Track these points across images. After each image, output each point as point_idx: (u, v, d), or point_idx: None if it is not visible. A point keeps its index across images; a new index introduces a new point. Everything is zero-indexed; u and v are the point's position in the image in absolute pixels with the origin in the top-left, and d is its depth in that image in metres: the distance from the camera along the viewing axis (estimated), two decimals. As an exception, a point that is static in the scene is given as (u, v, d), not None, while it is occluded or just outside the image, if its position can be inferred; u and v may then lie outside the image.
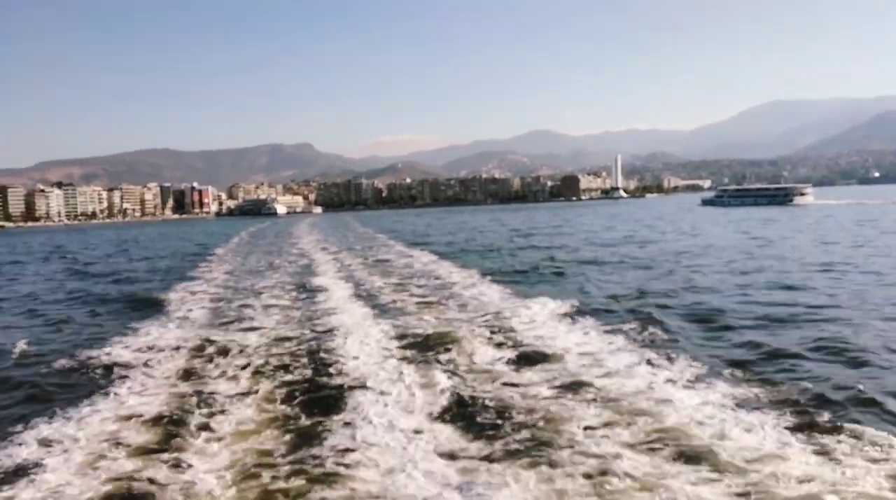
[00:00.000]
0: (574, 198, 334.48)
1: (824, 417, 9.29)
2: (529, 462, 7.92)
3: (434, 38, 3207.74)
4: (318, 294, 23.34)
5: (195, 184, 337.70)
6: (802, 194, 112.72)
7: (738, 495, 7.12)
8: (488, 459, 8.17)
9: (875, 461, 7.80)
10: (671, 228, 64.02)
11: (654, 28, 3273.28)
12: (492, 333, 15.12)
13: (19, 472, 8.34)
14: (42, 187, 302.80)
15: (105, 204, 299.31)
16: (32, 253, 67.13)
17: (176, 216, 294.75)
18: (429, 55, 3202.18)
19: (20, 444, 9.30)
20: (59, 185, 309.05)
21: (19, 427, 10.04)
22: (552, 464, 7.82)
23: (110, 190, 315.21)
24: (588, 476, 7.52)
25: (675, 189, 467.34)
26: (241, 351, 14.25)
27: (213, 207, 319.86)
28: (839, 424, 9.01)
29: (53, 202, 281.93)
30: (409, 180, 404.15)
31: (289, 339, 15.53)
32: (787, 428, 8.91)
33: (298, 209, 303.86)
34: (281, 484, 7.65)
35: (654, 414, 9.35)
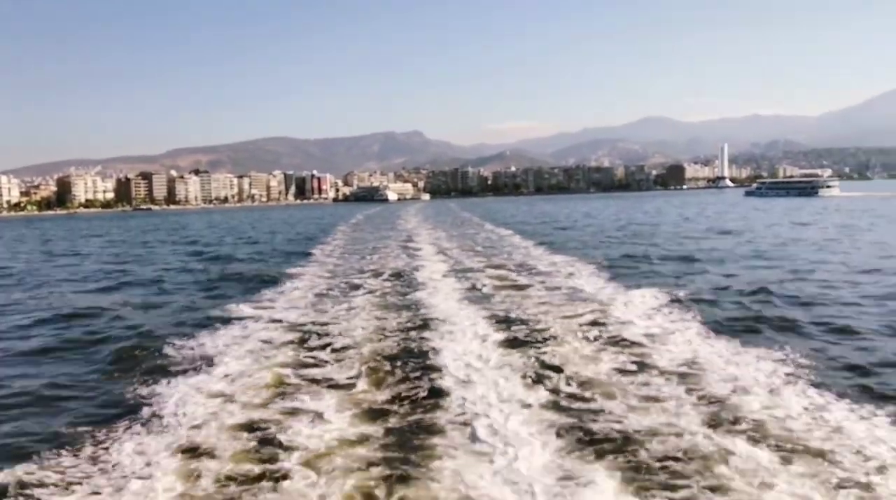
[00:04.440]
0: (678, 187, 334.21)
1: None
2: (628, 466, 7.63)
3: (543, 25, 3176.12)
4: (417, 276, 24.63)
5: (314, 172, 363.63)
6: (828, 187, 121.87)
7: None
8: (589, 461, 7.81)
9: None
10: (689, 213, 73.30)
11: (778, 4, 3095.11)
12: (590, 324, 14.96)
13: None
14: (181, 174, 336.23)
15: (235, 190, 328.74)
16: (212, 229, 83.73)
17: (298, 202, 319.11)
18: (539, 43, 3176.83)
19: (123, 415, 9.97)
20: (196, 172, 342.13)
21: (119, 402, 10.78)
22: (657, 470, 7.49)
23: (240, 177, 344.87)
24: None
25: (790, 179, 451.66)
26: (341, 334, 14.40)
27: (331, 194, 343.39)
28: None
29: (191, 188, 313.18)
30: (513, 169, 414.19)
31: (388, 321, 16.02)
32: None
33: (408, 196, 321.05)
34: (379, 473, 7.62)
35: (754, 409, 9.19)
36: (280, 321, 16.65)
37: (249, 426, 9.33)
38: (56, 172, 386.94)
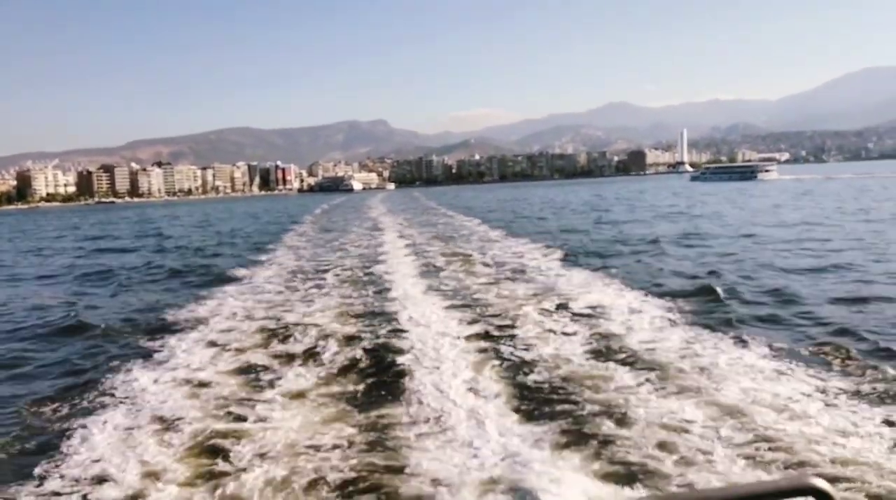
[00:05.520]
0: (639, 173, 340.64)
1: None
2: (591, 443, 7.74)
3: (507, 13, 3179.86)
4: (380, 261, 25.71)
5: (279, 162, 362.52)
6: (766, 171, 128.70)
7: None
8: (553, 442, 7.94)
9: None
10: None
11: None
12: (527, 284, 16.69)
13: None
14: (144, 167, 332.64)
15: (199, 182, 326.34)
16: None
17: (262, 193, 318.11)
18: (503, 31, 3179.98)
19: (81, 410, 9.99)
20: (159, 164, 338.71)
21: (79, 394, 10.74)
22: (616, 443, 7.68)
23: (204, 169, 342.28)
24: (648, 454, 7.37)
25: (748, 163, 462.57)
26: (305, 322, 14.62)
27: (296, 184, 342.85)
28: None
29: (154, 180, 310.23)
30: (478, 157, 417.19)
31: (352, 305, 16.62)
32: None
33: (373, 185, 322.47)
34: (340, 459, 7.67)
35: (710, 388, 9.30)
36: (259, 294, 19.25)
37: (240, 369, 11.61)
38: (11, 166, 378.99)
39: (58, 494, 7.25)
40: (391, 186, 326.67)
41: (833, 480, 6.44)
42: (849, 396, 8.98)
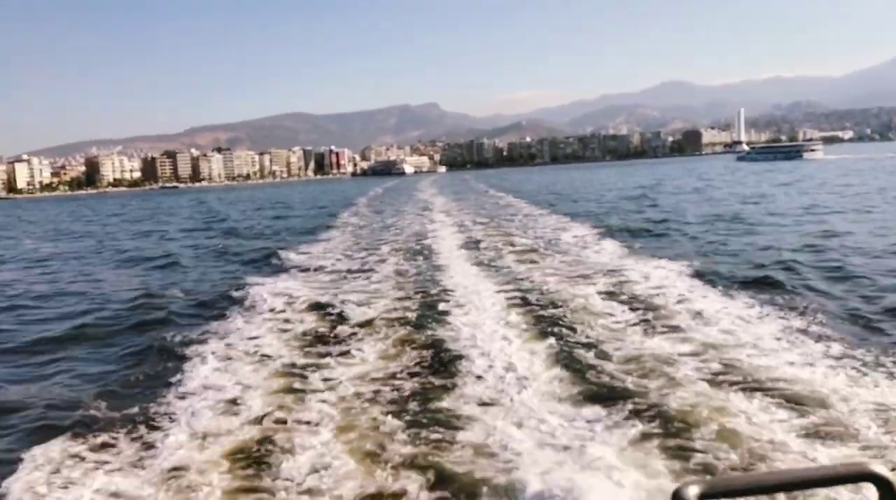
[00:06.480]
0: (694, 153, 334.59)
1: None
2: (641, 429, 7.44)
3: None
4: (430, 236, 27.97)
5: (332, 147, 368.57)
6: (812, 151, 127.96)
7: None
8: (557, 363, 9.35)
9: None
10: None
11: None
12: (573, 266, 17.65)
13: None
14: (204, 153, 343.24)
15: (257, 167, 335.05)
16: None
17: (317, 177, 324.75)
18: (554, 10, 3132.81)
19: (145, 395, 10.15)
20: (219, 150, 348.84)
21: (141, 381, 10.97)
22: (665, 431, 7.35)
23: (261, 154, 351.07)
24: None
25: (810, 141, 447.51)
26: (371, 269, 17.48)
27: (349, 168, 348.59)
28: None
29: (214, 166, 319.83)
30: (528, 139, 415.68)
31: (406, 271, 18.86)
32: None
33: (424, 169, 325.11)
34: (393, 443, 7.57)
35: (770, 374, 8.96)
36: (323, 260, 22.54)
37: (315, 306, 14.58)
38: (77, 153, 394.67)
39: (183, 396, 9.78)
40: (442, 169, 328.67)
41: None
42: (799, 332, 10.92)
